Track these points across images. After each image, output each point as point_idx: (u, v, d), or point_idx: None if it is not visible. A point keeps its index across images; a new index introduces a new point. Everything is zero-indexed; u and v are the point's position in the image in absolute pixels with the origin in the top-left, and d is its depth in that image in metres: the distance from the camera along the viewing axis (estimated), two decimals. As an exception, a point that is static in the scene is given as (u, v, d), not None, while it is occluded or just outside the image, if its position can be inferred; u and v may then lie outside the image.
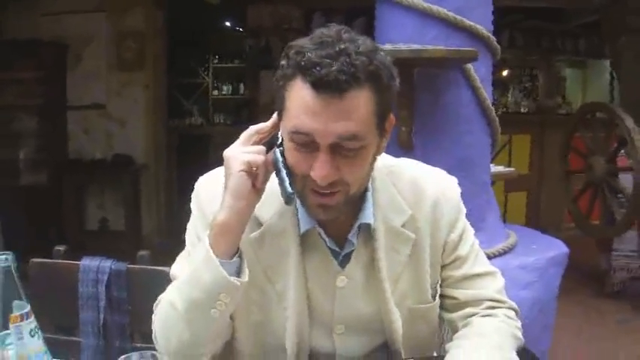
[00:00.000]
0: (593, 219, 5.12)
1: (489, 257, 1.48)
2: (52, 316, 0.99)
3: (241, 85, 8.31)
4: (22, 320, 0.95)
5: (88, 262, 1.87)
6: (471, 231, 1.43)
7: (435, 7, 2.63)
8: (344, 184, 1.18)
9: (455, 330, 1.39)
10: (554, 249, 2.94)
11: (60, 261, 1.93)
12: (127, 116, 6.12)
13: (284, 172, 1.18)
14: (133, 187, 6.03)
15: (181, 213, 2.19)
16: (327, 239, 1.32)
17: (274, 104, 1.23)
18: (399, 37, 2.66)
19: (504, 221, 3.51)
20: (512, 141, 6.01)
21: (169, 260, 1.46)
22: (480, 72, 2.76)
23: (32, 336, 0.96)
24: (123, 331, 1.85)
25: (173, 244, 1.56)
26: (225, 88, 8.44)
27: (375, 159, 1.24)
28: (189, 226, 1.38)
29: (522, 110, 7.81)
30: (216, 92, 8.48)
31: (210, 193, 1.33)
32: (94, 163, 5.98)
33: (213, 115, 8.40)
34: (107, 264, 1.85)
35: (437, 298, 1.40)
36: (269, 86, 5.50)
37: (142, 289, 1.76)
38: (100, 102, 6.10)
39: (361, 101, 1.12)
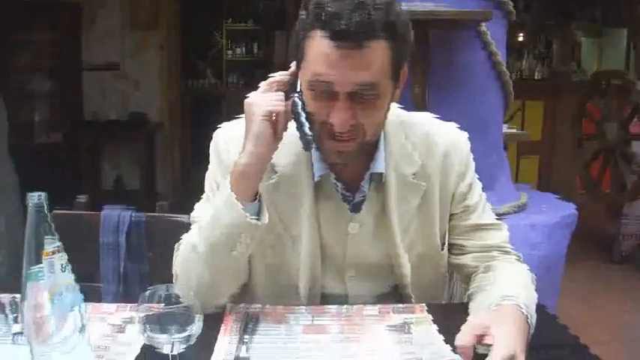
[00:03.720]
0: (604, 186, 5.12)
1: (499, 216, 1.52)
2: (74, 265, 1.04)
3: (255, 46, 8.30)
4: (53, 255, 1.00)
5: (109, 212, 1.92)
6: (479, 183, 1.47)
7: (451, -32, 2.63)
8: (360, 129, 1.23)
9: (465, 274, 1.44)
10: (564, 210, 2.96)
11: (81, 212, 1.99)
12: (142, 76, 6.12)
13: (303, 118, 1.23)
14: (148, 146, 6.06)
15: (196, 172, 2.23)
16: (339, 186, 1.37)
17: (293, 55, 1.27)
18: (415, -3, 2.66)
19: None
20: (525, 107, 5.98)
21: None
22: (494, 34, 2.77)
23: (63, 270, 1.01)
24: (142, 278, 1.91)
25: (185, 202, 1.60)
26: (239, 49, 8.42)
27: (389, 107, 1.29)
28: (207, 173, 1.43)
29: (536, 76, 7.74)
30: (230, 53, 8.46)
31: (229, 141, 1.39)
32: (109, 122, 6.00)
33: (227, 76, 8.40)
34: (127, 213, 1.90)
35: (445, 246, 1.45)
36: (283, 47, 5.48)
37: (161, 238, 1.80)
38: (115, 62, 6.11)
39: (378, 52, 1.17)
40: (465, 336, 1.06)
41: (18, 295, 1.05)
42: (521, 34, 8.03)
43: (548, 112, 6.29)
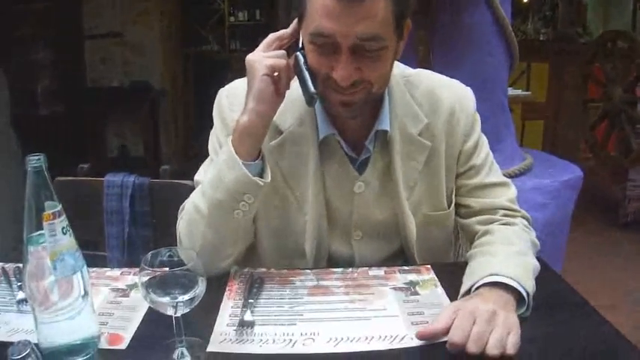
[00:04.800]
0: (610, 149, 5.08)
1: (504, 176, 1.50)
2: (78, 232, 1.03)
3: (257, 11, 8.23)
4: (54, 218, 0.98)
5: (111, 178, 1.92)
6: (485, 141, 1.45)
7: None
8: (366, 82, 1.21)
9: (470, 236, 1.43)
10: (569, 172, 2.94)
11: (84, 178, 1.98)
12: (144, 44, 6.07)
13: (306, 73, 1.21)
14: (151, 113, 6.03)
15: (199, 138, 2.22)
16: (344, 145, 1.35)
17: (293, 12, 1.25)
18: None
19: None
20: (530, 69, 5.93)
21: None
22: (499, -5, 2.72)
23: (64, 233, 0.99)
24: (147, 243, 1.91)
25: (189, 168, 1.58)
26: (241, 14, 8.35)
27: (393, 61, 1.27)
28: (211, 135, 1.42)
29: (542, 38, 7.66)
30: (232, 19, 8.38)
31: (232, 100, 1.38)
32: (112, 90, 5.97)
33: (229, 41, 8.33)
34: (130, 179, 1.89)
35: (452, 206, 1.44)
36: (286, 11, 5.42)
37: (165, 203, 1.80)
38: (117, 30, 6.05)
39: (380, 3, 1.14)
40: (439, 323, 1.06)
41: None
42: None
43: (554, 74, 6.22)
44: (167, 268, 0.99)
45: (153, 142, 6.07)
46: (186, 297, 0.97)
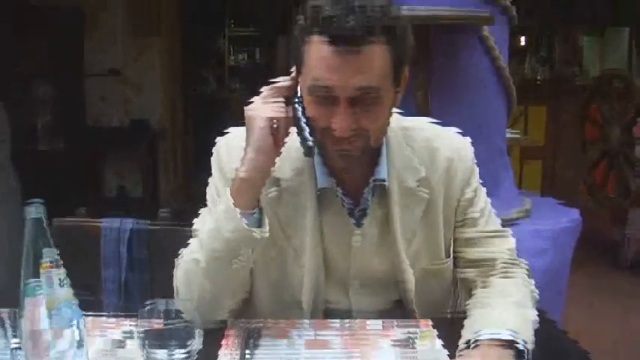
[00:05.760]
0: (609, 191, 5.09)
1: (504, 222, 1.49)
2: (74, 276, 1.02)
3: (257, 52, 8.31)
4: (52, 267, 0.98)
5: (109, 222, 1.91)
6: (483, 191, 1.44)
7: (451, -29, 2.61)
8: (363, 131, 1.22)
9: (469, 288, 1.41)
10: (568, 217, 2.94)
11: (82, 220, 1.97)
12: (144, 83, 6.09)
13: (303, 123, 1.21)
14: (150, 152, 6.03)
15: (198, 178, 2.21)
16: (343, 196, 1.35)
17: (292, 61, 1.26)
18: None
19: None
20: (528, 112, 5.95)
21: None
22: (497, 39, 2.75)
23: (61, 285, 0.99)
24: (144, 289, 1.89)
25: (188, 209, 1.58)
26: (241, 55, 8.43)
27: (391, 110, 1.27)
28: (209, 184, 1.42)
29: (539, 77, 7.72)
30: (232, 59, 8.46)
31: (230, 151, 1.37)
32: (111, 129, 5.97)
33: (229, 81, 8.39)
34: (128, 223, 1.89)
35: (450, 257, 1.43)
36: (286, 52, 5.47)
37: (163, 248, 1.78)
38: (117, 68, 6.09)
39: (377, 54, 1.15)
40: None
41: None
42: (523, 38, 8.02)
43: (551, 116, 6.26)
44: (164, 320, 0.98)
45: (152, 182, 6.05)
46: (183, 351, 0.96)
